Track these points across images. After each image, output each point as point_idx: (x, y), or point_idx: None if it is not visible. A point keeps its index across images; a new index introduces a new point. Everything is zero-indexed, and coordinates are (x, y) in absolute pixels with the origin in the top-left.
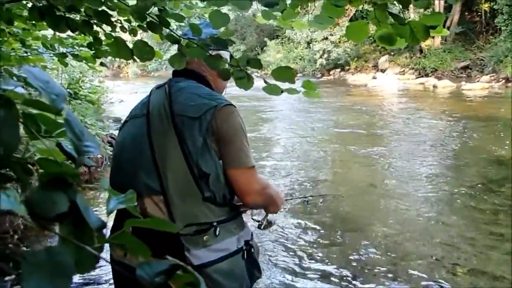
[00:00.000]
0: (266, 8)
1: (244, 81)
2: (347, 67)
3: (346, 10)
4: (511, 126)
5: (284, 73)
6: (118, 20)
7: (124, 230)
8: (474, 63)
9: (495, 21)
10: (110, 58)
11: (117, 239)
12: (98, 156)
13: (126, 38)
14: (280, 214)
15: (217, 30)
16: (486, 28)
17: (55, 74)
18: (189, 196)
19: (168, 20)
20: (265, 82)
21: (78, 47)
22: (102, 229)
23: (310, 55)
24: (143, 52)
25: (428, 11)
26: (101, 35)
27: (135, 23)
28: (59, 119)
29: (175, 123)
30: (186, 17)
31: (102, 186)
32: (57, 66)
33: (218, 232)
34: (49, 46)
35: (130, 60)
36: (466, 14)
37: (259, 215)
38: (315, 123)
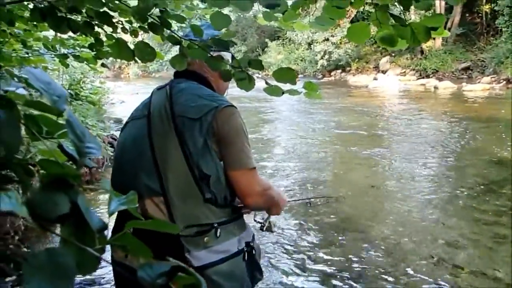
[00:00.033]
0: (267, 10)
1: (245, 82)
2: (348, 68)
3: (347, 11)
4: None
5: (286, 74)
6: (120, 21)
7: (125, 232)
8: (475, 64)
9: (496, 22)
10: (111, 59)
11: (118, 240)
12: (99, 157)
13: (127, 39)
14: (281, 215)
15: (218, 31)
16: (487, 30)
17: (56, 75)
18: (189, 197)
19: (169, 21)
20: (266, 83)
21: (79, 48)
22: (103, 230)
23: (311, 56)
24: (145, 53)
25: (429, 12)
26: (102, 36)
27: (136, 24)
28: (61, 120)
29: (175, 124)
30: (187, 18)
31: (103, 187)
32: (58, 67)
33: (218, 234)
34: (50, 47)
35: (131, 61)
36: (467, 15)
37: (261, 216)
38: (316, 124)
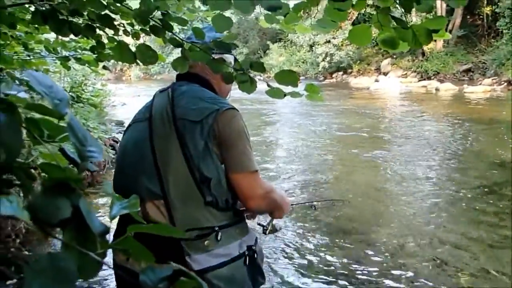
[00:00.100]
0: (269, 12)
1: (247, 84)
2: (350, 70)
3: (349, 14)
4: None
5: (287, 76)
6: (121, 23)
7: (127, 235)
8: (476, 66)
9: (497, 24)
10: (112, 61)
11: (120, 244)
12: (101, 159)
13: (129, 42)
14: (283, 218)
15: (220, 33)
16: (488, 31)
17: (58, 78)
18: (190, 200)
19: (171, 23)
20: (268, 85)
21: (80, 51)
22: (105, 234)
23: (313, 58)
24: (146, 55)
25: (431, 14)
26: (104, 39)
27: (138, 26)
28: (62, 123)
29: (176, 127)
30: (189, 20)
31: (105, 190)
32: (59, 69)
33: (219, 237)
34: (51, 50)
35: (133, 64)
36: (468, 17)
37: (264, 220)
38: (318, 126)
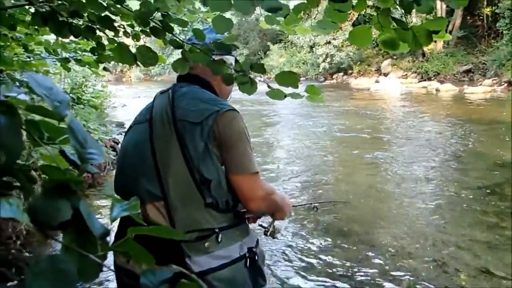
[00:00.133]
0: (269, 13)
1: (248, 86)
2: (350, 71)
3: (349, 15)
4: None
5: (288, 77)
6: (121, 25)
7: (127, 237)
8: (476, 66)
9: (497, 25)
10: (113, 63)
11: (120, 246)
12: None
13: (129, 43)
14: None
15: (220, 35)
16: (488, 32)
17: (58, 79)
18: (190, 201)
19: (171, 25)
20: (268, 86)
21: (81, 52)
22: (105, 236)
23: (313, 59)
24: (146, 57)
25: (431, 15)
26: (104, 40)
27: (138, 28)
28: (63, 125)
29: (177, 128)
30: (189, 22)
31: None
32: (59, 71)
33: (220, 239)
34: (51, 51)
35: (133, 65)
36: (468, 18)
37: (266, 221)
38: (319, 127)
